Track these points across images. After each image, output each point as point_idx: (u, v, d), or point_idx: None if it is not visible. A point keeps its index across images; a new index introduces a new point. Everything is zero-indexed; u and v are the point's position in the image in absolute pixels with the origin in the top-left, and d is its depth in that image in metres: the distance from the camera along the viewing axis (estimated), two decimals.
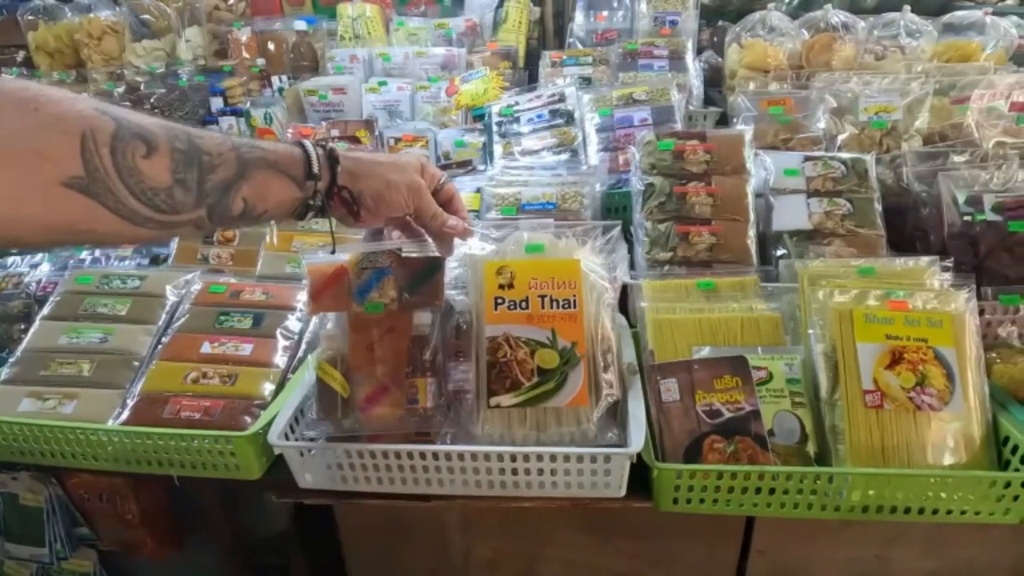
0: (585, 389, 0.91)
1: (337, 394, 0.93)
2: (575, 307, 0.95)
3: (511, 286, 0.96)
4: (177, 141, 0.65)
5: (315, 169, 0.77)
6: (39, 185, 0.57)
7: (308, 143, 0.79)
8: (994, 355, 1.05)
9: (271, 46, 2.23)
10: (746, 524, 1.10)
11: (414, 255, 0.95)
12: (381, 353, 0.95)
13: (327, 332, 0.98)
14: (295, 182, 0.76)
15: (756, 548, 1.12)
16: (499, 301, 0.96)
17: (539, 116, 1.60)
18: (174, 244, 1.47)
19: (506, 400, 0.91)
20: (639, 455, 0.87)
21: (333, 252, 1.01)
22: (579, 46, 2.06)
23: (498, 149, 1.56)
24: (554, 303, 0.95)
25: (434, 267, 0.98)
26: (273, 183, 0.74)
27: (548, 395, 0.91)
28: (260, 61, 2.21)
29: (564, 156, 1.53)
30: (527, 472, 0.90)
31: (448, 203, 0.91)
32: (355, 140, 1.74)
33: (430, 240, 0.92)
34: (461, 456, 0.89)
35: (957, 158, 1.30)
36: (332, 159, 0.79)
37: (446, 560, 1.20)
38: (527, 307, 0.95)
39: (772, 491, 0.90)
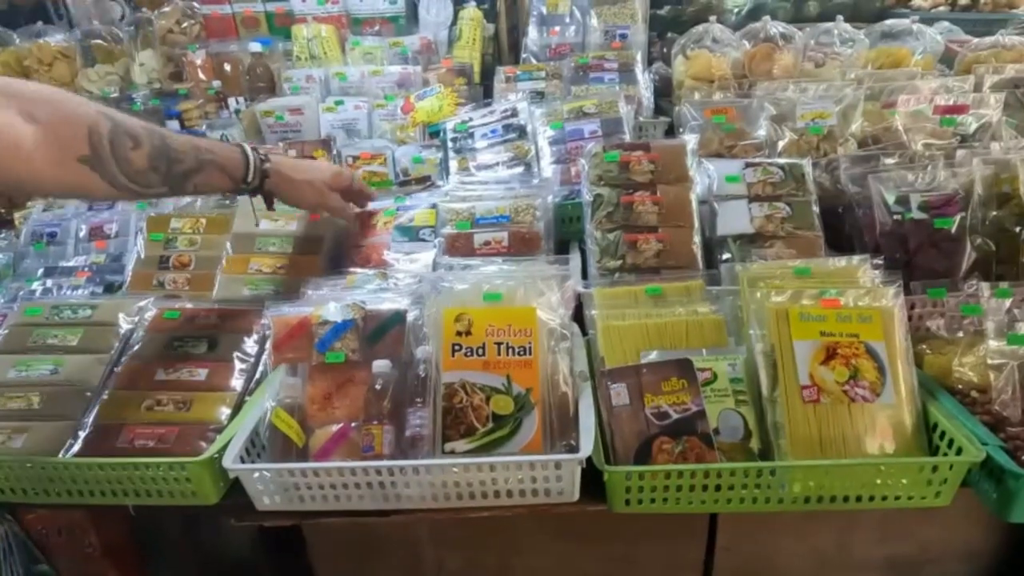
0: (539, 435, 0.94)
1: (292, 444, 0.94)
2: (530, 354, 0.98)
3: (468, 333, 0.99)
4: (155, 139, 0.96)
5: (250, 178, 1.11)
6: (65, 160, 0.86)
7: (251, 153, 1.11)
8: (924, 347, 1.10)
9: (227, 68, 2.22)
10: (710, 521, 1.14)
11: (378, 308, 1.02)
12: (339, 402, 0.97)
13: (287, 381, 1.00)
14: (233, 180, 1.10)
15: (721, 545, 1.16)
16: (456, 348, 0.99)
17: (493, 131, 1.63)
18: (128, 271, 1.46)
19: (460, 446, 0.93)
20: (589, 459, 0.90)
21: (256, 225, 1.41)
22: (534, 61, 2.11)
23: (453, 165, 1.59)
24: (510, 350, 0.98)
25: (396, 319, 1.01)
26: (217, 178, 1.07)
27: (502, 441, 0.94)
28: (216, 83, 2.21)
29: (518, 170, 1.56)
30: (481, 483, 0.91)
31: (362, 193, 1.37)
32: (313, 160, 1.75)
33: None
34: (416, 471, 0.91)
35: (888, 160, 1.36)
36: (264, 173, 1.13)
37: (418, 573, 1.21)
38: (483, 354, 0.98)
39: (718, 487, 0.93)
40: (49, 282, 1.47)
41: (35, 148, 0.82)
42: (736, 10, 2.64)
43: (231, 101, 2.17)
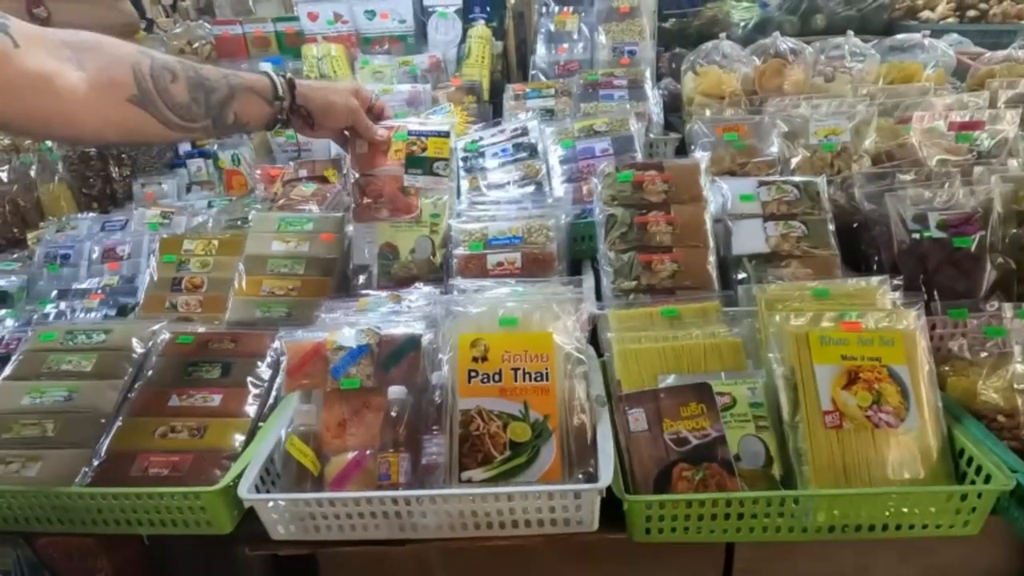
0: (558, 463, 0.92)
1: (307, 472, 0.93)
2: (547, 380, 0.97)
3: (485, 359, 0.98)
4: (189, 71, 0.99)
5: (280, 93, 1.13)
6: (117, 103, 0.90)
7: (272, 73, 1.15)
8: (947, 368, 1.08)
9: None
10: (727, 543, 1.11)
11: (392, 333, 1.01)
12: (354, 429, 0.96)
13: (301, 408, 0.99)
14: (267, 101, 1.12)
15: (738, 567, 1.14)
16: (473, 374, 0.97)
17: (503, 150, 1.63)
18: (141, 294, 1.47)
19: (478, 474, 0.92)
20: (609, 487, 0.89)
21: (298, 156, 1.52)
22: (542, 78, 2.11)
23: (464, 184, 1.58)
24: (527, 376, 0.97)
25: (411, 344, 1.01)
26: (253, 103, 1.09)
27: (520, 469, 0.92)
28: None
29: (530, 189, 1.55)
30: (499, 512, 0.90)
31: (380, 115, 1.36)
32: (323, 180, 1.76)
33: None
34: (433, 500, 0.90)
35: (903, 177, 1.35)
36: (291, 85, 1.15)
37: None
38: (500, 380, 0.97)
39: (741, 516, 0.92)
40: (63, 305, 1.48)
41: (88, 94, 0.85)
42: (743, 23, 2.65)
43: None
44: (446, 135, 1.39)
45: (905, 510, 0.90)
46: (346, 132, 1.33)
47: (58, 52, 0.83)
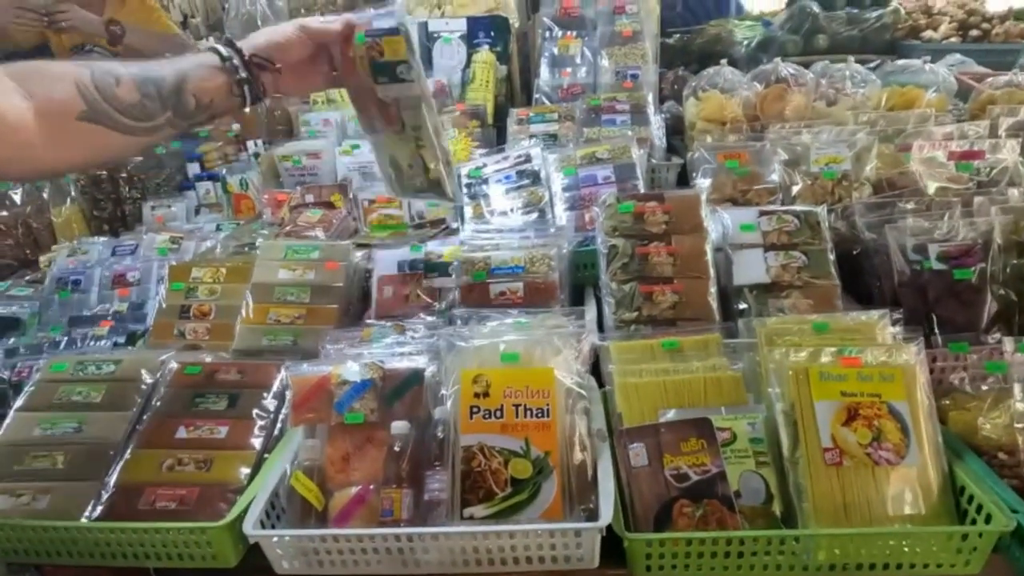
0: (559, 499, 0.93)
1: (311, 507, 0.95)
2: (549, 416, 0.97)
3: (487, 395, 0.99)
4: (131, 68, 0.92)
5: (225, 55, 0.98)
6: (66, 124, 0.84)
7: (212, 42, 1.02)
8: (947, 402, 1.09)
9: (246, 111, 2.27)
10: None
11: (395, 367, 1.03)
12: (358, 464, 0.98)
13: (306, 443, 1.01)
14: (219, 69, 0.97)
15: None
16: (475, 410, 0.98)
17: (507, 177, 1.65)
18: (150, 320, 1.49)
19: (479, 511, 0.92)
20: (609, 525, 0.89)
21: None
22: (546, 102, 2.13)
23: (468, 211, 1.60)
24: (528, 412, 0.97)
25: (414, 379, 1.02)
26: (207, 75, 0.97)
27: (522, 506, 0.93)
28: (235, 126, 2.26)
29: (533, 216, 1.57)
30: (500, 549, 0.91)
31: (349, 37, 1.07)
32: (330, 206, 1.78)
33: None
34: (436, 537, 0.91)
35: (904, 206, 1.36)
36: (230, 43, 1.00)
37: None
38: (502, 416, 0.98)
39: (741, 555, 0.92)
40: (73, 332, 1.50)
41: (38, 123, 0.81)
42: (746, 42, 2.67)
43: (250, 143, 2.21)
44: (395, 32, 1.07)
45: (906, 549, 0.90)
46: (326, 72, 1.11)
47: (3, 85, 0.81)
